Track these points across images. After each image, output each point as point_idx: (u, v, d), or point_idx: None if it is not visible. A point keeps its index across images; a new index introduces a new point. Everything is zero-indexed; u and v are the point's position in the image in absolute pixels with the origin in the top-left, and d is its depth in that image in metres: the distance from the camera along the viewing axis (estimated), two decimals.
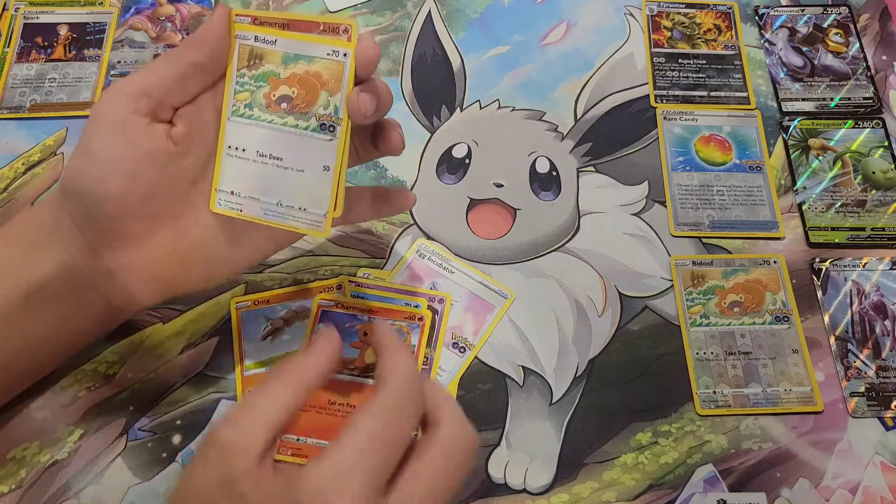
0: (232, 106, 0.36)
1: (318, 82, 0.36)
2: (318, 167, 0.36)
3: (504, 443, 0.43)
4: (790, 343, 0.46)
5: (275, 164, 0.36)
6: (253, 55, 0.36)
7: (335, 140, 0.35)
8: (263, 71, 0.36)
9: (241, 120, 0.36)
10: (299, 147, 0.36)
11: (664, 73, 0.57)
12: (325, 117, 0.36)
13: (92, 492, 0.41)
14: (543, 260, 0.49)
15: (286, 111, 0.36)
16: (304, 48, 0.35)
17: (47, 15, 0.58)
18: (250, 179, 0.36)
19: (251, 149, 0.36)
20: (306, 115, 0.36)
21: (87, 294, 0.37)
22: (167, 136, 0.35)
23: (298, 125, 0.36)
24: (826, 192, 0.52)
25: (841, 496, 0.42)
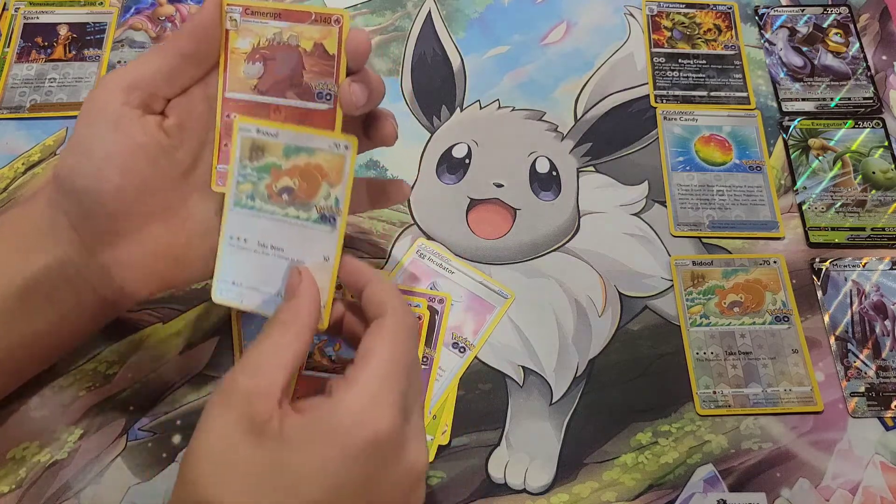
0: (234, 196, 0.36)
1: (318, 174, 0.36)
2: (319, 257, 0.36)
3: (504, 443, 0.43)
4: (790, 343, 0.46)
5: (276, 255, 0.36)
6: (255, 147, 0.36)
7: (335, 231, 0.35)
8: (266, 163, 0.36)
9: (243, 210, 0.36)
10: (300, 238, 0.36)
11: (664, 73, 0.57)
12: (325, 209, 0.36)
13: (92, 492, 0.41)
14: (543, 260, 0.49)
15: (287, 202, 0.36)
16: (305, 140, 0.35)
17: (47, 15, 0.58)
18: (251, 270, 0.36)
19: (253, 239, 0.36)
20: (307, 205, 0.36)
21: (82, 290, 0.37)
22: (159, 128, 0.35)
23: (300, 216, 0.36)
24: (826, 192, 0.52)
25: (841, 496, 0.42)
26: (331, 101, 0.33)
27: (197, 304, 0.47)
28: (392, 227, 0.50)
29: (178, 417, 0.43)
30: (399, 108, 0.55)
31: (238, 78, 0.34)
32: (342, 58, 0.33)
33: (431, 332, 0.46)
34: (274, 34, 0.33)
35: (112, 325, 0.45)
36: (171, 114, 0.35)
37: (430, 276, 0.48)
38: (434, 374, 0.45)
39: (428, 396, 0.44)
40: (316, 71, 0.33)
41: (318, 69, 0.33)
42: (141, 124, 0.34)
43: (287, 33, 0.33)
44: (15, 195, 0.51)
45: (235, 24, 0.34)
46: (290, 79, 0.34)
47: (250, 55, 0.34)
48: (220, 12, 0.34)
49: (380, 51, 0.57)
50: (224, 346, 0.45)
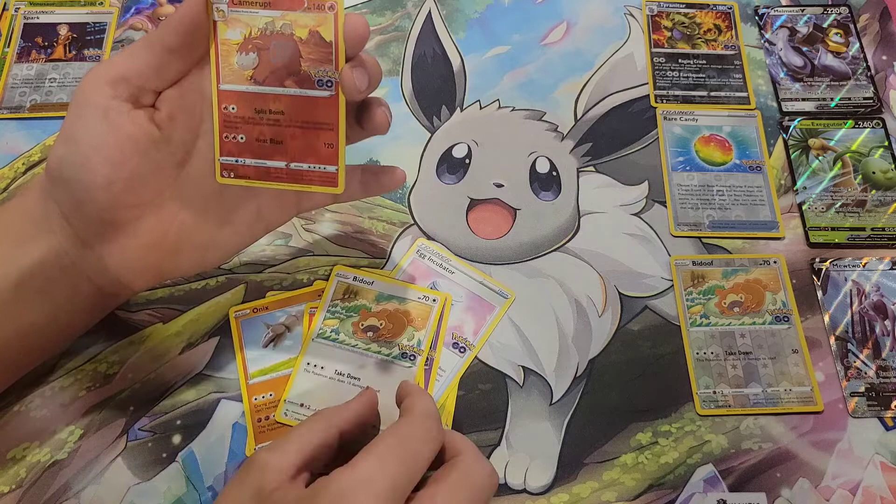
0: (318, 329, 0.41)
1: (405, 319, 0.43)
2: (394, 388, 0.39)
3: (504, 443, 0.43)
4: (790, 343, 0.46)
5: (350, 383, 0.41)
6: (349, 291, 0.44)
7: (414, 367, 0.42)
8: (356, 304, 0.43)
9: (324, 342, 0.42)
10: (378, 370, 0.42)
11: (664, 73, 0.57)
12: (407, 348, 0.43)
13: (92, 492, 0.41)
14: (543, 260, 0.49)
15: (371, 339, 0.43)
16: (399, 291, 0.43)
17: (47, 15, 0.58)
18: (323, 395, 0.40)
19: (329, 368, 0.42)
20: (390, 343, 0.43)
21: (77, 282, 0.37)
22: (150, 121, 0.34)
23: (381, 352, 0.43)
24: (826, 192, 0.52)
25: (841, 496, 0.42)
26: (332, 88, 0.33)
27: (197, 304, 0.47)
28: (392, 227, 0.50)
29: (178, 417, 0.43)
30: (399, 108, 0.55)
31: (232, 69, 0.34)
32: (340, 44, 0.33)
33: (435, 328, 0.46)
34: (265, 24, 0.33)
35: (112, 325, 0.46)
36: (162, 106, 0.35)
37: (430, 276, 0.48)
38: (434, 374, 0.45)
39: None
40: (314, 58, 0.33)
41: (316, 56, 0.33)
42: (130, 117, 0.34)
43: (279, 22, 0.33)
44: (15, 195, 0.51)
45: (223, 15, 0.33)
46: (288, 67, 0.33)
47: (242, 46, 0.33)
48: (206, 4, 0.34)
49: (380, 51, 0.57)
50: (224, 347, 0.45)
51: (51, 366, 0.44)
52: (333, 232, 0.50)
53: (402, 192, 0.51)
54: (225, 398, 0.44)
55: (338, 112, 0.34)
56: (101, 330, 0.45)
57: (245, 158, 0.36)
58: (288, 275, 0.48)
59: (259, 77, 0.34)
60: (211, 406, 0.44)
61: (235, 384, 0.44)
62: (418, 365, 0.42)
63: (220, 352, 0.45)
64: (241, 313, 0.46)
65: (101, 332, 0.45)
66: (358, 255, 0.49)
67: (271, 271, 0.48)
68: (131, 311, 0.46)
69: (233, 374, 0.45)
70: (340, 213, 0.50)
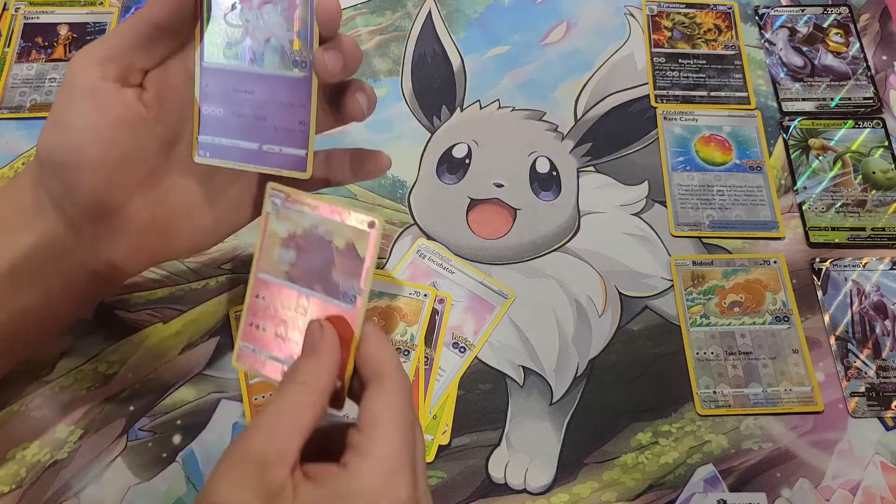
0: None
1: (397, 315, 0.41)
2: None
3: (504, 443, 0.43)
4: (790, 343, 0.46)
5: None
6: None
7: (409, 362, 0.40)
8: None
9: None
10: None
11: (664, 73, 0.57)
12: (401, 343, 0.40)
13: (92, 492, 0.41)
14: (543, 260, 0.49)
15: None
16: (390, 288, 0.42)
17: (47, 15, 0.58)
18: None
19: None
20: None
21: (70, 267, 0.36)
22: (138, 101, 0.34)
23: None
24: (826, 192, 0.52)
25: (841, 496, 0.42)
26: (354, 303, 0.33)
27: (197, 304, 0.47)
28: (392, 227, 0.50)
29: (178, 417, 0.43)
30: (399, 108, 0.55)
31: (272, 260, 0.34)
32: (371, 263, 0.32)
33: (432, 332, 0.46)
34: (310, 225, 0.33)
35: (112, 325, 0.46)
36: (149, 86, 0.35)
37: (431, 276, 0.48)
38: (434, 374, 0.45)
39: (428, 396, 0.44)
40: (344, 270, 0.32)
41: (347, 270, 0.32)
42: (119, 96, 0.33)
43: (322, 227, 0.33)
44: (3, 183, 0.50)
45: (276, 209, 0.33)
46: (320, 272, 0.33)
47: (286, 241, 0.33)
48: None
49: (380, 51, 0.57)
50: (224, 346, 0.45)
51: (51, 366, 0.44)
52: None
53: (402, 192, 0.51)
54: (225, 398, 0.44)
55: (356, 327, 0.33)
56: (101, 330, 0.45)
57: (261, 349, 0.35)
58: None
59: (293, 274, 0.34)
60: (211, 406, 0.44)
61: (235, 384, 0.44)
62: (413, 360, 0.41)
63: (221, 352, 0.45)
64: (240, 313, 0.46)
65: (101, 331, 0.45)
66: None
67: None
68: (131, 311, 0.46)
69: (233, 374, 0.45)
70: None
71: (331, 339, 0.32)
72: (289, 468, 0.29)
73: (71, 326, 0.43)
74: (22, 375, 0.44)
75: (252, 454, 0.29)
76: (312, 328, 0.33)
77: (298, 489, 0.29)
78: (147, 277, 0.47)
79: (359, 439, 0.30)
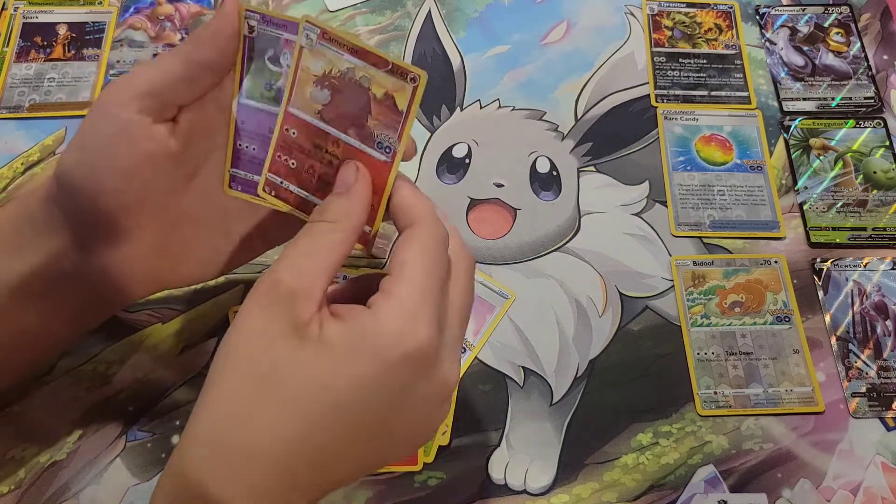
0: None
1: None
2: None
3: (504, 443, 0.43)
4: (791, 343, 0.46)
5: None
6: None
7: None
8: None
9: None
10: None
11: (665, 72, 0.57)
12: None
13: (91, 492, 0.41)
14: (544, 260, 0.49)
15: None
16: None
17: (46, 14, 0.58)
18: None
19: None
20: None
21: (77, 286, 0.36)
22: (169, 135, 0.34)
23: None
24: (827, 191, 0.52)
25: (842, 497, 0.42)
26: (389, 155, 0.32)
27: (197, 304, 0.46)
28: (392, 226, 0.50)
29: (178, 418, 0.43)
30: None
31: (304, 98, 0.33)
32: (410, 118, 0.31)
33: None
34: (347, 68, 0.32)
35: (111, 325, 0.45)
36: (181, 119, 0.35)
37: None
38: None
39: None
40: (381, 120, 0.32)
41: (384, 119, 0.32)
42: (151, 132, 0.34)
43: (360, 72, 0.32)
44: (14, 195, 0.50)
45: (311, 44, 0.32)
46: (354, 118, 0.32)
47: (320, 80, 0.32)
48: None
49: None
50: None
51: (50, 366, 0.44)
52: None
53: None
54: None
55: (388, 179, 0.33)
56: (100, 330, 0.45)
57: (290, 183, 0.35)
58: None
59: (327, 115, 0.33)
60: None
61: None
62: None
63: None
64: None
65: (100, 332, 0.45)
66: (358, 254, 0.48)
67: None
68: (130, 311, 0.46)
69: None
70: None
71: (364, 181, 0.32)
72: (316, 304, 0.29)
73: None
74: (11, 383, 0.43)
75: (281, 287, 0.29)
76: (347, 169, 0.32)
77: (324, 325, 0.29)
78: None
79: (386, 282, 0.30)
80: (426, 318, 0.30)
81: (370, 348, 0.29)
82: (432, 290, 0.30)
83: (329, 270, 0.30)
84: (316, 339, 0.29)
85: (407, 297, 0.30)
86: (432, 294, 0.30)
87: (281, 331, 0.29)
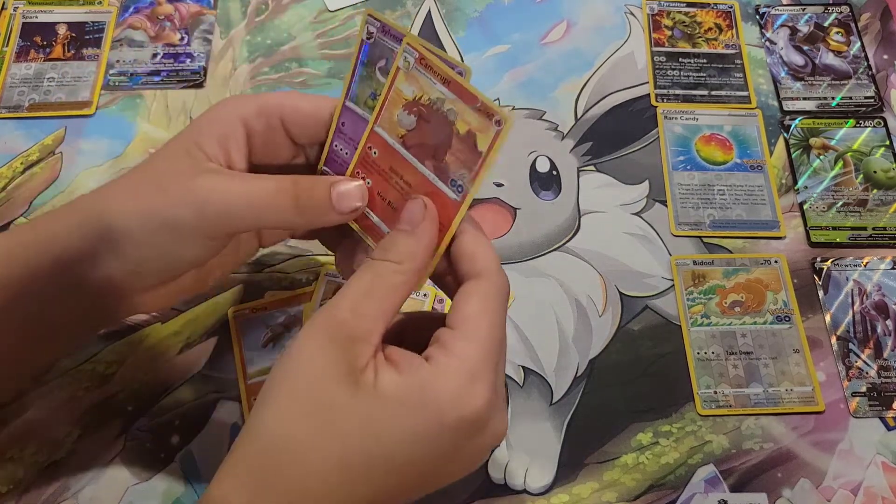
0: None
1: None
2: None
3: (504, 443, 0.43)
4: (791, 343, 0.46)
5: None
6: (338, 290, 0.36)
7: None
8: None
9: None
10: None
11: (665, 72, 0.57)
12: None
13: (90, 492, 0.41)
14: (543, 260, 0.49)
15: None
16: None
17: (46, 14, 0.58)
18: None
19: None
20: None
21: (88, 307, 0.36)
22: None
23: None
24: (827, 191, 0.52)
25: (842, 496, 0.42)
26: (460, 195, 0.31)
27: (195, 305, 0.46)
28: None
29: (177, 418, 0.43)
30: None
31: (391, 120, 0.33)
32: (488, 160, 0.30)
33: None
34: (437, 98, 0.31)
35: None
36: None
37: None
38: None
39: None
40: (459, 157, 0.31)
41: (462, 157, 0.31)
42: None
43: (448, 105, 0.31)
44: (13, 195, 0.50)
45: (408, 66, 0.32)
46: (435, 150, 0.32)
47: (409, 105, 0.32)
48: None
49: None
50: (223, 346, 0.45)
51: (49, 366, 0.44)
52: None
53: None
54: (224, 398, 0.44)
55: (454, 219, 0.32)
56: None
57: None
58: (286, 275, 0.48)
59: (409, 142, 0.32)
60: (210, 406, 0.44)
61: (234, 384, 0.44)
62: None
63: (219, 352, 0.45)
64: (239, 313, 0.46)
65: None
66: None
67: (270, 271, 0.48)
68: None
69: (231, 375, 0.44)
70: None
71: (432, 221, 0.31)
72: (373, 348, 0.29)
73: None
74: None
75: (342, 327, 0.29)
76: (416, 205, 0.31)
77: (380, 372, 0.29)
78: None
79: (448, 337, 0.29)
80: (486, 381, 0.29)
81: (427, 406, 0.28)
82: (494, 351, 0.30)
83: (389, 313, 0.30)
84: (371, 386, 0.28)
85: (468, 358, 0.29)
86: (493, 355, 0.30)
87: (337, 373, 0.28)
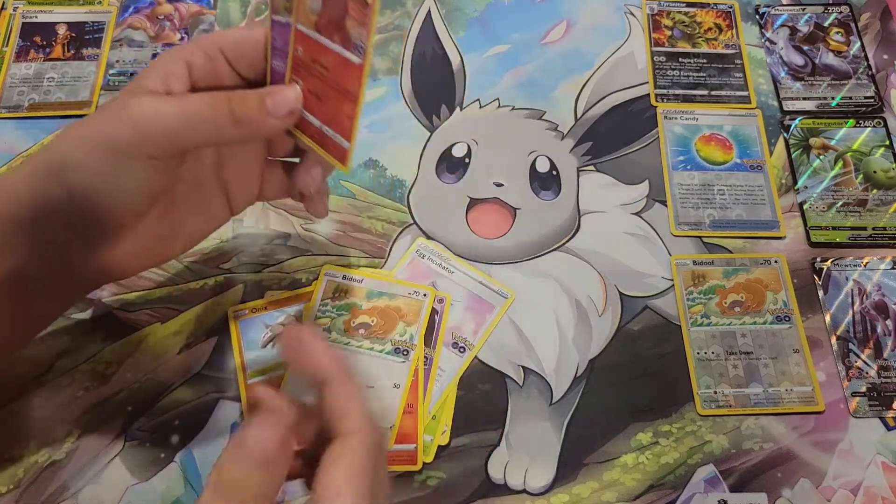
0: None
1: (396, 315, 0.44)
2: (389, 385, 0.43)
3: (504, 443, 0.43)
4: (791, 343, 0.46)
5: None
6: (339, 290, 0.45)
7: (408, 362, 0.42)
8: (347, 303, 0.45)
9: None
10: (373, 367, 0.43)
11: (665, 72, 0.57)
12: (400, 343, 0.44)
13: (90, 492, 0.41)
14: (543, 260, 0.49)
15: (363, 336, 0.44)
16: (389, 287, 0.45)
17: (46, 14, 0.58)
18: None
19: None
20: (382, 340, 0.44)
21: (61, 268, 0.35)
22: None
23: (374, 348, 0.44)
24: (827, 191, 0.52)
25: (842, 496, 0.42)
26: (361, 56, 0.31)
27: (195, 305, 0.46)
28: (392, 226, 0.50)
29: (177, 418, 0.43)
30: (398, 108, 0.54)
31: (305, 12, 0.32)
32: (375, 9, 0.30)
33: (431, 331, 0.46)
34: None
35: (110, 325, 0.45)
36: None
37: (430, 276, 0.48)
38: (434, 373, 0.44)
39: (427, 396, 0.44)
40: (356, 17, 0.30)
41: (357, 16, 0.30)
42: None
43: None
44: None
45: None
46: (338, 21, 0.31)
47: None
48: None
49: (379, 50, 0.57)
50: (222, 346, 0.45)
51: (48, 366, 0.44)
52: (332, 231, 0.49)
53: (401, 191, 0.51)
54: (223, 398, 0.44)
55: (361, 83, 0.31)
56: (98, 330, 0.45)
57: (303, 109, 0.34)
58: (286, 274, 0.48)
59: (320, 24, 0.32)
60: (209, 406, 0.44)
61: (234, 384, 0.44)
62: (412, 360, 0.42)
63: (219, 352, 0.45)
64: (239, 313, 0.46)
65: (98, 331, 0.45)
66: (357, 254, 0.48)
67: (270, 271, 0.48)
68: (129, 311, 0.46)
69: (231, 374, 0.44)
70: (339, 213, 0.50)
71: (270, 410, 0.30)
72: None
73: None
74: (20, 375, 0.43)
75: None
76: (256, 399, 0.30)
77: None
78: (145, 277, 0.47)
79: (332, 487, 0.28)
80: None
81: None
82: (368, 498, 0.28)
83: None
84: None
85: None
86: None
87: None
